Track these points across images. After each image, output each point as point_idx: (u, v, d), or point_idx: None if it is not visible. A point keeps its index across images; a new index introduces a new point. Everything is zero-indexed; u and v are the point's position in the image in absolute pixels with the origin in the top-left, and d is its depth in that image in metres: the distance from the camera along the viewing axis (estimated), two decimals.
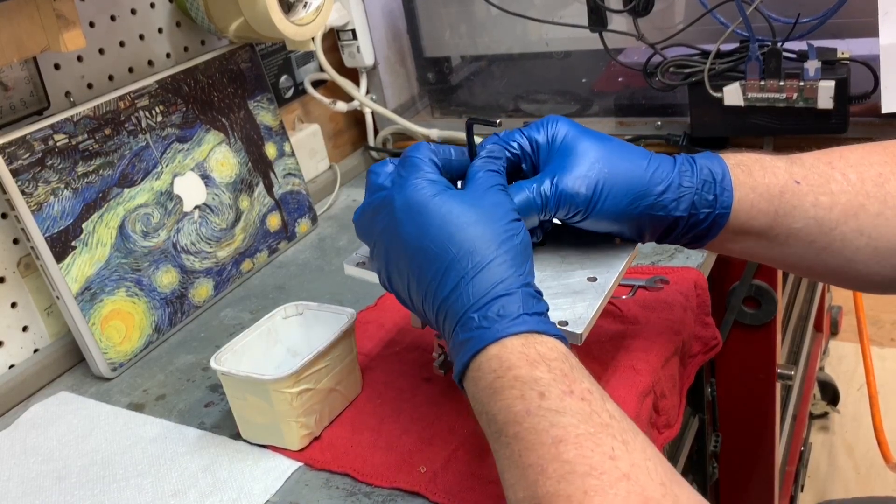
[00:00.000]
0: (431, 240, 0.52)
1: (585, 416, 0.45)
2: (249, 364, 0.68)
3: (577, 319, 0.56)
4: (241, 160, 0.97)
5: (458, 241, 0.51)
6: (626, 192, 0.57)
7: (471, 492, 0.59)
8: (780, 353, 1.19)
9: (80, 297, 0.79)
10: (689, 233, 0.60)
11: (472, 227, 0.52)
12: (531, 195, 0.57)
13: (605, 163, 0.58)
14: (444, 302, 0.52)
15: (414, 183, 0.54)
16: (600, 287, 0.59)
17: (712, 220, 0.58)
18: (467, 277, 0.51)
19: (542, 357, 0.48)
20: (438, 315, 0.53)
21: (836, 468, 1.80)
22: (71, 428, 0.75)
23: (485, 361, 0.49)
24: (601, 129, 1.18)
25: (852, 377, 2.02)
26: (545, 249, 0.64)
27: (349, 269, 0.65)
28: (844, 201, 0.58)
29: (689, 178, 0.58)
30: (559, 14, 1.07)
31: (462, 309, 0.51)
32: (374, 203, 0.58)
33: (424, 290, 0.53)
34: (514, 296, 0.50)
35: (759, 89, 0.90)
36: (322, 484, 0.63)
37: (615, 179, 0.57)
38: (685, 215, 0.58)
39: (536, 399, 0.46)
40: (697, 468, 1.09)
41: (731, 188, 0.58)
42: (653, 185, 0.58)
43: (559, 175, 0.57)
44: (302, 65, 1.16)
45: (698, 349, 0.78)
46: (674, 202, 0.58)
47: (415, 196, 0.54)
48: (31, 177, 0.77)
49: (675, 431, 0.71)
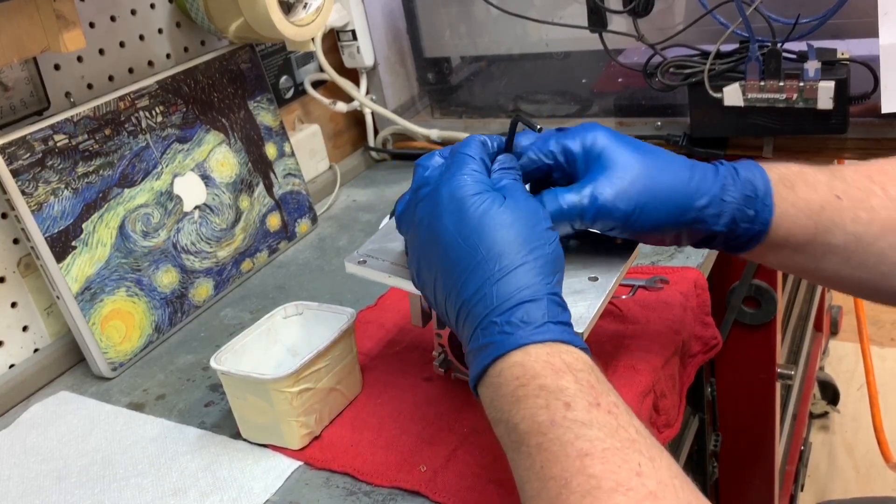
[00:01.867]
0: (464, 237, 0.51)
1: (612, 431, 0.44)
2: (249, 364, 0.68)
3: (579, 319, 0.56)
4: (241, 160, 0.97)
5: (488, 242, 0.50)
6: (666, 208, 0.56)
7: (471, 491, 0.59)
8: (780, 352, 1.19)
9: (80, 296, 0.79)
10: (726, 244, 0.59)
11: (505, 230, 0.51)
12: (568, 205, 0.56)
13: (646, 178, 0.56)
14: (466, 302, 0.51)
15: (459, 178, 0.53)
16: (601, 287, 0.59)
17: (751, 235, 0.58)
18: (492, 279, 0.49)
19: (569, 367, 0.47)
20: (459, 315, 0.51)
21: (835, 468, 1.80)
22: (71, 427, 0.75)
23: (507, 368, 0.48)
24: None
25: (852, 377, 2.02)
26: None
27: (350, 267, 0.64)
28: (884, 217, 0.57)
29: (732, 192, 0.57)
30: (559, 14, 1.07)
31: (484, 311, 0.49)
32: (418, 195, 0.57)
33: (450, 287, 0.52)
34: (539, 302, 0.49)
35: (758, 90, 0.90)
36: (322, 483, 0.63)
37: (656, 195, 0.56)
38: (724, 230, 0.57)
39: (562, 409, 0.45)
40: (697, 468, 1.09)
41: (771, 204, 0.57)
42: (694, 199, 0.56)
43: (598, 187, 0.56)
44: (302, 65, 1.16)
45: (698, 349, 0.78)
46: (714, 217, 0.57)
47: (457, 192, 0.53)
48: (32, 177, 0.77)
49: (675, 431, 0.71)
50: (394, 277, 0.62)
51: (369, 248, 0.65)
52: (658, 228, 0.57)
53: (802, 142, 0.99)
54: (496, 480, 0.59)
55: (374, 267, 0.63)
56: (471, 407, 0.67)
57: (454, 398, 0.69)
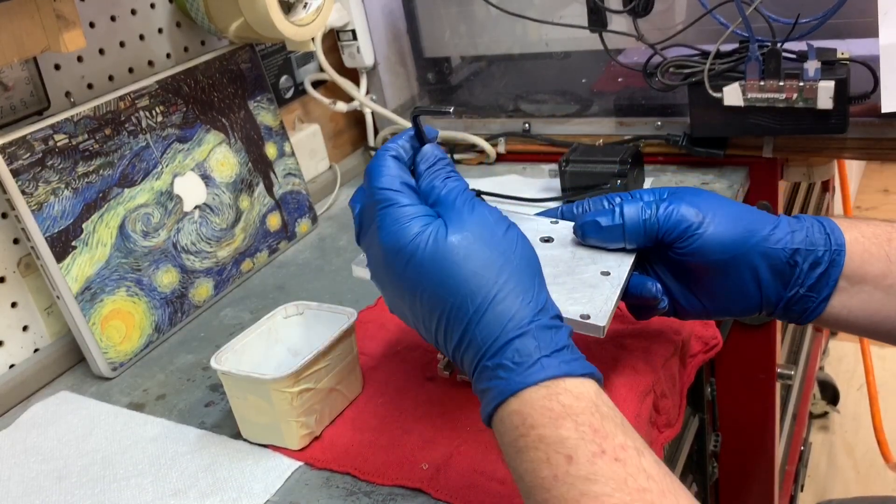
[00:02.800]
0: (423, 289, 0.47)
1: (620, 483, 0.41)
2: (250, 364, 0.68)
3: (599, 312, 0.57)
4: (242, 160, 0.97)
5: (453, 286, 0.46)
6: (735, 224, 0.57)
7: (474, 489, 0.59)
8: (779, 352, 1.19)
9: (80, 296, 0.79)
10: (807, 281, 0.58)
11: (463, 264, 0.46)
12: (643, 209, 0.58)
13: (712, 202, 0.59)
14: (454, 352, 0.48)
15: (389, 224, 0.49)
16: (615, 280, 0.60)
17: (830, 259, 0.57)
18: (472, 322, 0.46)
19: (568, 410, 0.44)
20: (455, 360, 0.49)
21: (835, 468, 1.80)
22: (71, 427, 0.75)
23: (506, 416, 0.45)
24: (601, 130, 1.19)
25: (852, 377, 2.02)
26: (556, 248, 0.65)
27: (357, 271, 0.64)
28: None
29: (797, 223, 0.58)
30: (559, 14, 1.07)
31: (475, 357, 0.46)
32: (363, 246, 0.54)
33: (434, 339, 0.49)
34: (527, 335, 0.45)
35: (758, 89, 0.90)
36: (322, 483, 0.63)
37: (724, 214, 0.58)
38: (802, 248, 0.57)
39: (563, 464, 0.42)
40: (697, 468, 1.09)
41: (840, 230, 0.58)
42: (762, 224, 0.58)
43: (671, 198, 0.58)
44: (302, 65, 1.16)
45: (698, 349, 0.78)
46: (787, 234, 0.57)
47: (395, 241, 0.48)
48: (32, 177, 0.77)
49: (675, 431, 0.71)
50: None
51: None
52: (731, 245, 0.57)
53: (802, 142, 0.99)
54: (498, 478, 0.59)
55: None
56: (472, 405, 0.67)
57: (455, 397, 0.69)
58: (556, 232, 0.67)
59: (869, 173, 2.94)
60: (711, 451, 1.10)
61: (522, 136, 1.15)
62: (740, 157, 1.02)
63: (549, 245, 0.65)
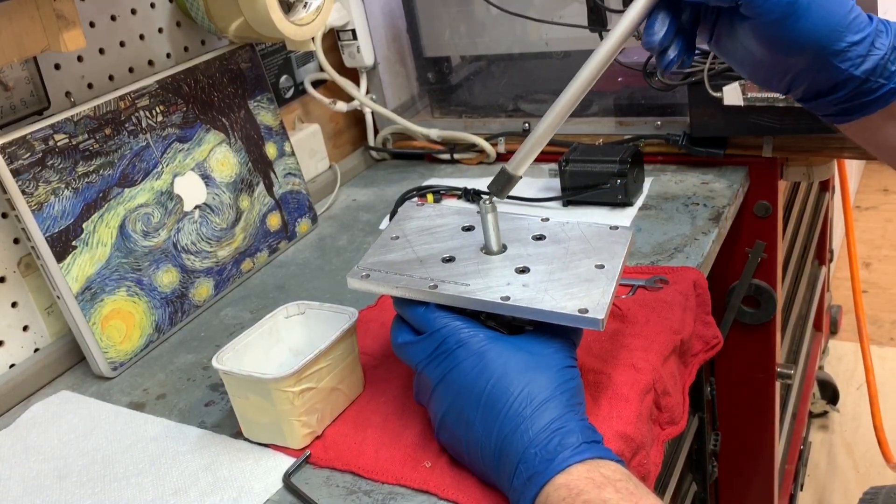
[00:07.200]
0: (494, 384, 0.56)
1: None
2: (251, 363, 0.68)
3: (596, 306, 0.58)
4: (242, 160, 0.97)
5: (518, 385, 0.55)
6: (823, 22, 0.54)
7: (477, 486, 0.59)
8: (779, 352, 1.20)
9: (80, 296, 0.79)
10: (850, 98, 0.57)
11: (529, 372, 0.56)
12: None
13: None
14: (503, 440, 0.54)
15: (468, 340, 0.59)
16: (610, 273, 0.61)
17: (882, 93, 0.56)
18: (526, 415, 0.54)
19: (608, 479, 0.50)
20: (496, 453, 0.55)
21: (835, 467, 1.80)
22: (71, 427, 0.75)
23: (552, 492, 0.51)
24: (601, 129, 1.19)
25: (852, 376, 2.02)
26: (549, 245, 0.65)
27: (353, 283, 0.65)
28: None
29: (883, 40, 0.56)
30: (559, 14, 1.07)
31: (523, 446, 0.53)
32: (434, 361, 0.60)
33: (487, 432, 0.55)
34: (572, 429, 0.53)
35: (758, 89, 0.90)
36: (323, 482, 0.63)
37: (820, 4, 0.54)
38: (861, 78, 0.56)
39: None
40: (697, 467, 1.09)
41: None
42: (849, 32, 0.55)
43: None
44: (302, 65, 1.16)
45: (700, 348, 0.78)
46: (859, 59, 0.55)
47: (476, 347, 0.58)
48: (32, 176, 0.77)
49: (680, 428, 0.71)
50: (401, 288, 0.62)
51: (370, 261, 0.66)
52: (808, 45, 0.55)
53: (802, 141, 0.99)
54: None
55: (379, 280, 0.64)
56: None
57: None
58: (548, 229, 0.68)
59: (869, 173, 2.95)
60: (711, 450, 1.10)
61: (522, 136, 1.15)
62: (740, 156, 1.02)
63: (542, 242, 0.66)
